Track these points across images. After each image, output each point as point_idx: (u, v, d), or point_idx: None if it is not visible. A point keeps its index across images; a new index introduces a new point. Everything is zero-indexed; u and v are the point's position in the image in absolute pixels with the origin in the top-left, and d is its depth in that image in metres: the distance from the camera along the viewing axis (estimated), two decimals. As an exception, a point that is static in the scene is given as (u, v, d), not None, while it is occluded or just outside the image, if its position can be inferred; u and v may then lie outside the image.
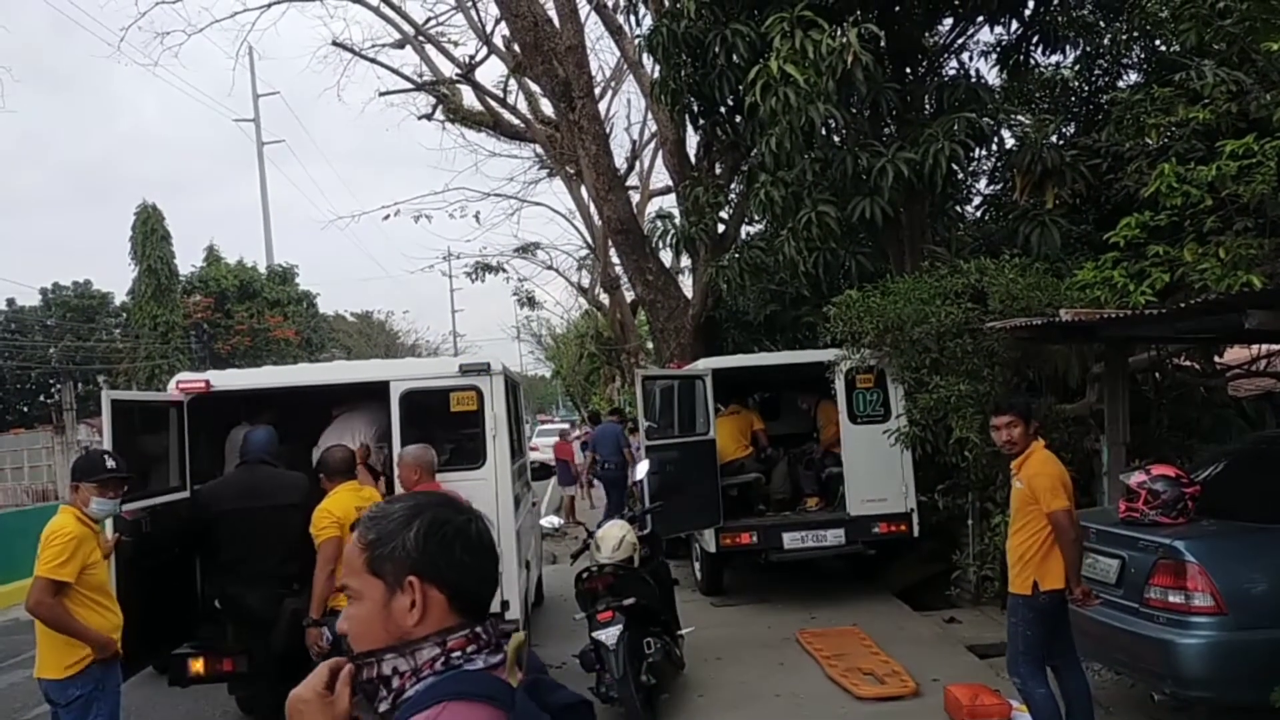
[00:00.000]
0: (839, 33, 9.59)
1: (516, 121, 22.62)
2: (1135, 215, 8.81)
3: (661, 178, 23.70)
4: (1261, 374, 12.11)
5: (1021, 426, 5.62)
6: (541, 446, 26.31)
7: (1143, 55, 12.52)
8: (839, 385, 10.11)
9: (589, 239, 26.25)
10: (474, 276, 27.68)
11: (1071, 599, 5.45)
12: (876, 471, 10.04)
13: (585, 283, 30.70)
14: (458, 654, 1.62)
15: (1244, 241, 8.20)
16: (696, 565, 11.52)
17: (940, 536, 10.35)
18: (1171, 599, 5.55)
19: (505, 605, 7.05)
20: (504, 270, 28.52)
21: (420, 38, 22.18)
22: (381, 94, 24.48)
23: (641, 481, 9.27)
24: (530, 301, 32.70)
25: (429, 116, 23.83)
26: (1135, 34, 12.36)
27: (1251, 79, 9.10)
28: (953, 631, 9.00)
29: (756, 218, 13.26)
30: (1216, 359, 11.84)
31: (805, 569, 11.11)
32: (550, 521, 8.79)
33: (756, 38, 10.49)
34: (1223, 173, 8.18)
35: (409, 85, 23.47)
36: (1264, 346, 11.82)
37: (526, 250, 28.81)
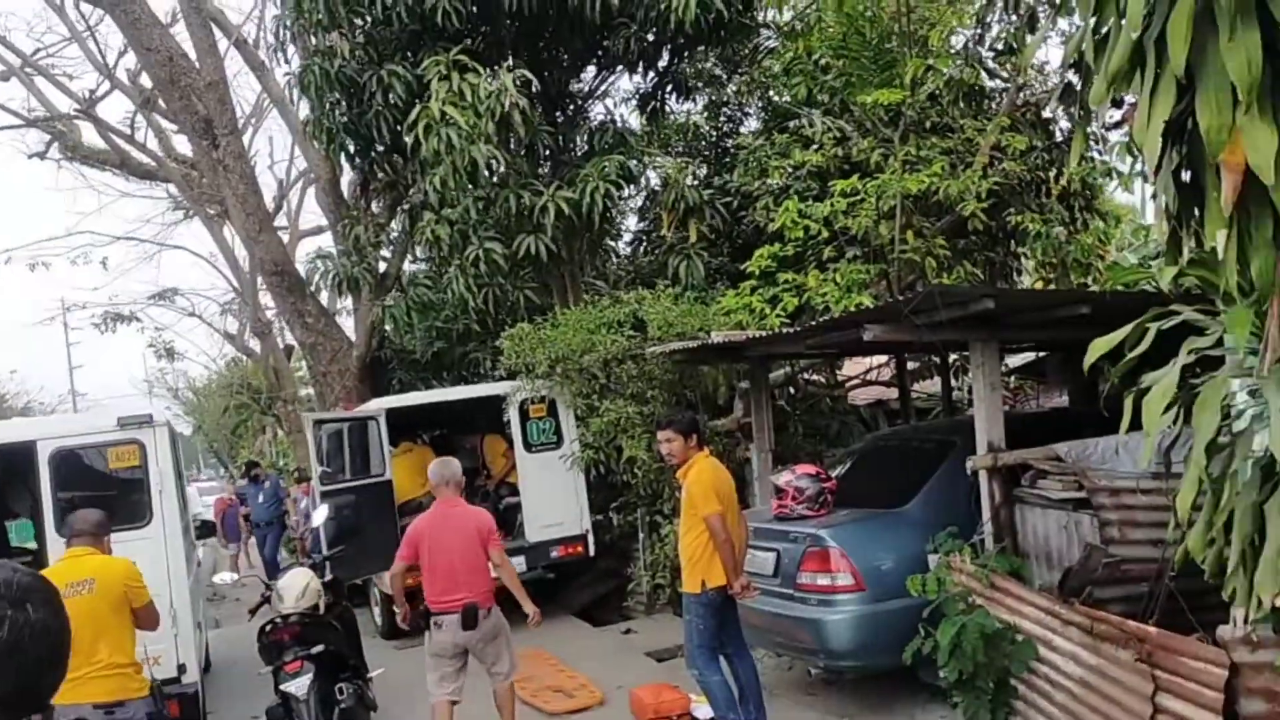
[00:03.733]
0: (495, 77, 10.02)
1: (147, 160, 21.18)
2: (766, 247, 9.91)
3: (312, 217, 23.11)
4: (873, 383, 13.87)
5: (680, 440, 6.11)
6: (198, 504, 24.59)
7: (762, 105, 13.97)
8: (513, 416, 10.41)
9: (235, 283, 24.99)
10: (103, 327, 25.41)
11: (733, 592, 6.00)
12: (552, 497, 10.40)
13: (233, 329, 29.13)
14: None
15: (855, 268, 9.47)
16: (376, 609, 11.34)
17: (614, 553, 10.95)
18: (819, 581, 6.33)
19: (182, 669, 6.72)
20: (138, 319, 26.44)
21: (29, 69, 20.29)
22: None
23: (318, 529, 9.08)
24: (170, 353, 30.46)
25: (42, 155, 21.79)
26: (754, 86, 13.80)
27: (852, 127, 10.49)
28: (632, 641, 9.52)
29: (421, 255, 13.38)
30: (838, 372, 13.44)
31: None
32: (224, 578, 8.40)
33: (413, 79, 10.70)
34: (834, 209, 9.42)
35: (18, 121, 21.31)
36: (873, 359, 13.57)
37: (164, 296, 26.89)
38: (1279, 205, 3.11)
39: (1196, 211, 3.59)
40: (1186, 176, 3.68)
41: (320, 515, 8.91)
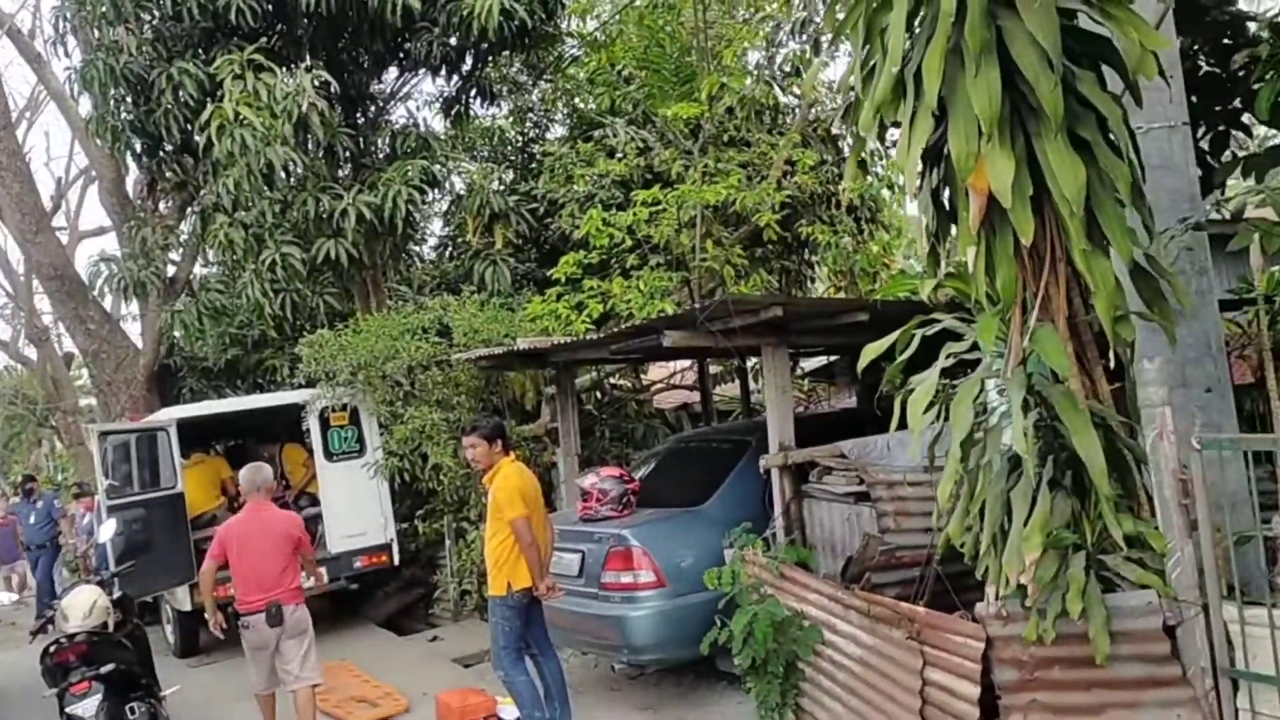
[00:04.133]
0: (291, 78, 9.79)
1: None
2: (572, 254, 10.08)
3: (95, 217, 21.77)
4: (677, 387, 14.30)
5: (484, 445, 6.18)
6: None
7: (568, 112, 14.17)
8: (314, 425, 10.19)
9: (8, 286, 23.27)
10: None
11: (539, 594, 6.11)
12: (355, 507, 10.23)
13: (5, 336, 27.07)
14: None
15: (658, 275, 9.77)
16: (168, 627, 10.86)
17: (420, 561, 10.87)
18: (623, 579, 6.53)
19: (-46, 696, 6.27)
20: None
21: None
22: None
23: (104, 545, 8.64)
24: (-71, 359, 28.07)
25: None
26: (559, 93, 13.98)
27: (654, 138, 10.80)
28: (438, 649, 9.49)
29: (213, 259, 12.88)
30: (643, 377, 13.79)
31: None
32: (5, 597, 7.88)
33: (206, 78, 10.32)
34: (637, 218, 9.69)
35: None
36: (678, 364, 13.99)
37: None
38: (1017, 225, 3.49)
39: (953, 229, 3.97)
40: (946, 197, 4.07)
41: (107, 530, 8.50)
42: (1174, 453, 3.71)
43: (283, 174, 10.36)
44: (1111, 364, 4.00)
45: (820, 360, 13.52)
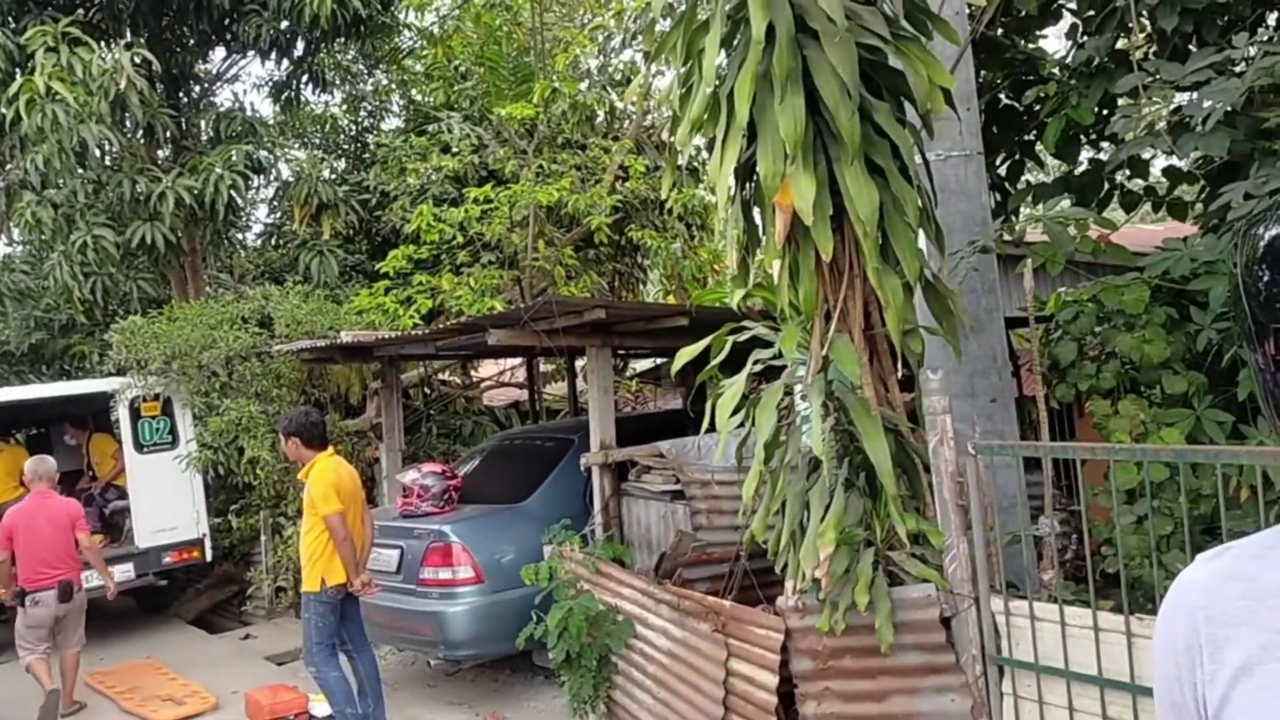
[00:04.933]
0: (110, 53, 9.36)
1: None
2: (402, 248, 9.99)
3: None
4: (507, 384, 14.32)
5: (296, 441, 6.14)
6: None
7: (403, 104, 13.98)
8: (123, 415, 9.76)
9: None
10: None
11: (354, 590, 6.09)
12: (166, 500, 9.84)
13: None
14: None
15: (489, 273, 9.79)
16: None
17: (233, 557, 10.55)
18: (441, 575, 6.56)
19: None
20: None
21: None
22: None
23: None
24: None
25: None
26: (395, 85, 13.78)
27: (490, 136, 10.81)
28: (250, 646, 9.25)
29: (19, 238, 12.14)
30: (472, 373, 13.74)
31: (90, 611, 10.47)
32: None
33: (15, 48, 9.72)
34: (469, 214, 9.69)
35: None
36: (508, 362, 14.02)
37: None
38: (818, 242, 3.73)
39: (761, 241, 4.20)
40: (756, 212, 4.30)
41: None
42: (953, 457, 4.03)
43: (97, 153, 9.87)
44: (902, 374, 4.30)
45: (650, 362, 13.82)
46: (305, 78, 12.59)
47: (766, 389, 4.23)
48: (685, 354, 4.41)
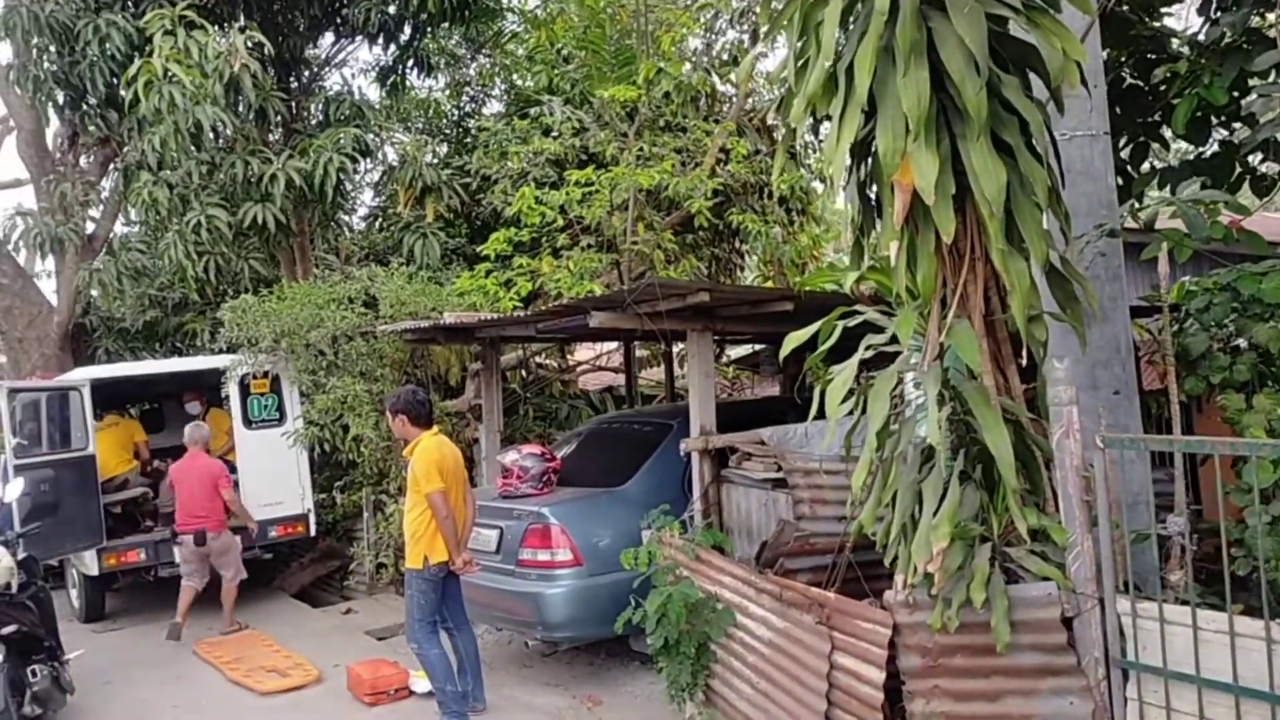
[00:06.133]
0: (224, 36, 9.57)
1: None
2: (503, 231, 10.02)
3: (11, 169, 21.03)
4: (603, 369, 14.33)
5: (403, 418, 6.21)
6: None
7: (505, 89, 14.06)
8: (234, 391, 10.02)
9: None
10: None
11: (455, 568, 6.14)
12: (273, 475, 10.08)
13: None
14: None
15: (588, 256, 9.76)
16: (73, 592, 10.61)
17: (336, 533, 10.76)
18: (540, 557, 6.56)
19: None
20: None
21: None
22: None
23: (10, 504, 8.42)
24: None
25: None
26: (498, 69, 13.86)
27: (590, 119, 10.77)
28: (351, 621, 9.43)
29: (135, 218, 12.54)
30: (569, 357, 13.79)
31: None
32: None
33: (134, 31, 10.02)
34: (570, 198, 9.66)
35: None
36: (604, 346, 14.02)
37: None
38: (939, 223, 3.57)
39: (877, 223, 4.05)
40: (872, 191, 4.15)
41: (14, 490, 8.27)
42: (1079, 451, 3.84)
43: (211, 134, 10.11)
44: (1024, 363, 4.12)
45: (746, 349, 13.67)
46: (410, 62, 12.76)
47: (879, 375, 4.09)
48: (794, 338, 4.29)
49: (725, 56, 11.46)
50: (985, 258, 3.89)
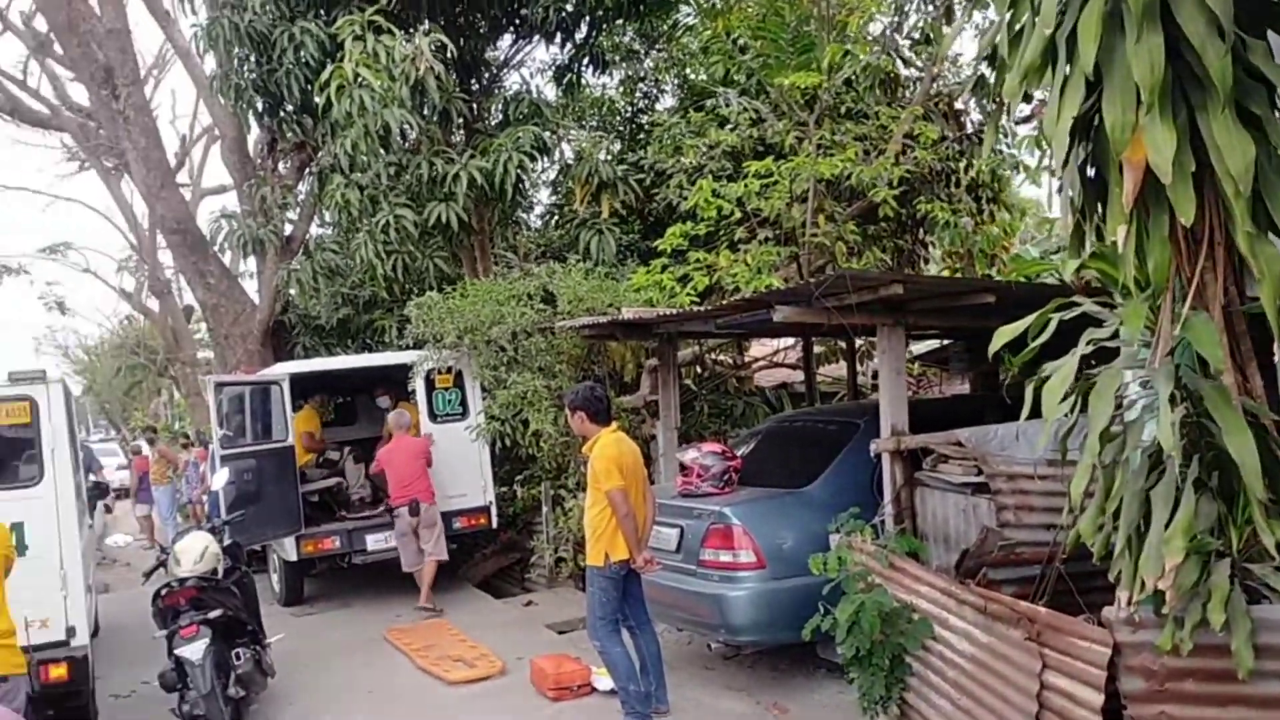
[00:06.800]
0: (410, 40, 9.82)
1: (40, 108, 20.22)
2: (678, 225, 9.92)
3: (216, 175, 22.39)
4: (779, 365, 14.04)
5: (583, 415, 6.15)
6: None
7: (678, 82, 13.96)
8: (419, 386, 10.30)
9: (133, 239, 24.14)
10: (-13, 281, 24.41)
11: (636, 566, 6.03)
12: (457, 468, 10.33)
13: (129, 287, 28.16)
14: None
15: (766, 249, 9.54)
16: (274, 576, 11.14)
17: (517, 526, 10.91)
18: (722, 558, 6.40)
19: (72, 631, 6.49)
20: (26, 273, 25.41)
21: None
22: None
23: (217, 493, 8.89)
24: (60, 307, 29.30)
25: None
26: (671, 63, 13.77)
27: (768, 108, 10.53)
28: (533, 613, 9.53)
29: (329, 219, 13.08)
30: (745, 354, 13.57)
31: (387, 570, 11.16)
32: (117, 540, 8.15)
33: (327, 38, 10.42)
34: (748, 189, 9.46)
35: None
36: (780, 342, 13.73)
37: (56, 250, 25.85)
38: (1177, 205, 3.22)
39: (1099, 206, 3.70)
40: (1091, 172, 3.80)
41: (220, 479, 8.74)
42: (1339, 458, 3.41)
43: (398, 136, 10.45)
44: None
45: (931, 344, 13.12)
46: (585, 60, 12.84)
47: (1102, 373, 3.74)
48: (1005, 333, 3.97)
49: (915, 36, 11.00)
50: (1227, 242, 3.49)
